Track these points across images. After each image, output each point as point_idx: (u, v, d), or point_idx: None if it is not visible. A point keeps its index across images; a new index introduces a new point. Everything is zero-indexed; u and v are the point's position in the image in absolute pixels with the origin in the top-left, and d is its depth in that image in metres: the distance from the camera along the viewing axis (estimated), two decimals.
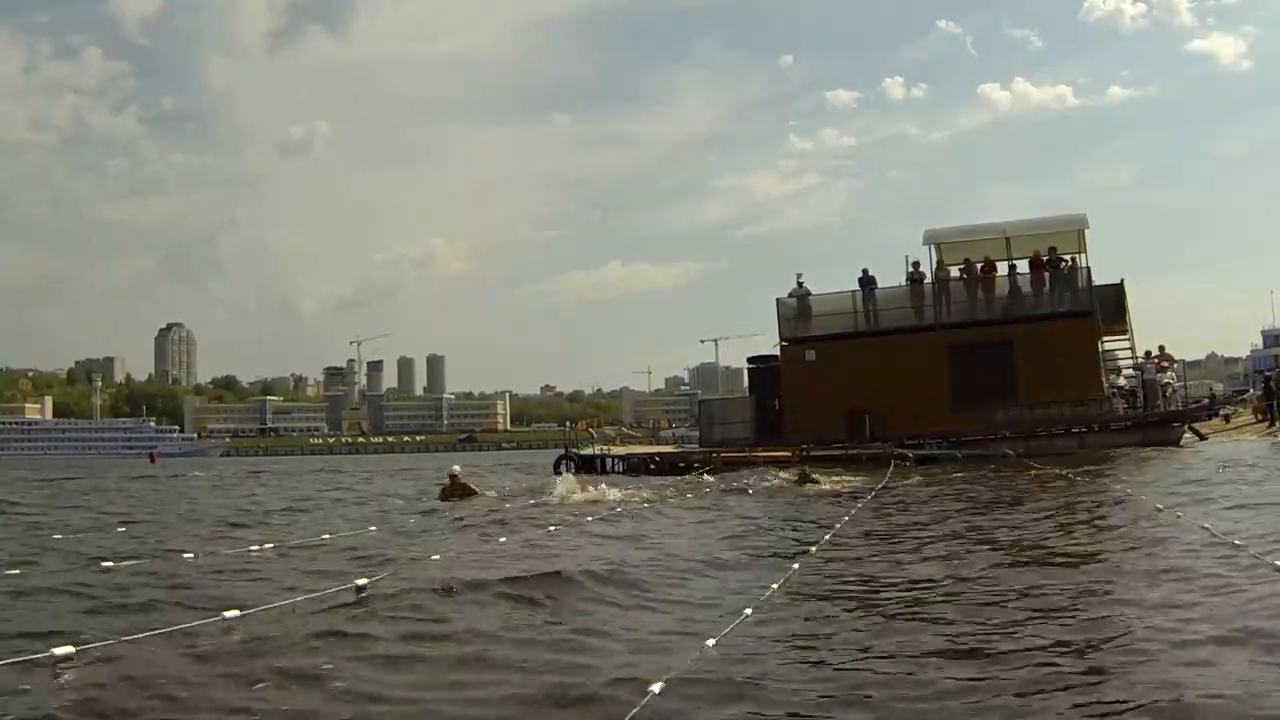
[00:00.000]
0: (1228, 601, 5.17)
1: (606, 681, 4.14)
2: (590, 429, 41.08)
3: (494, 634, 5.16)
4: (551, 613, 5.74)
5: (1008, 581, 6.22)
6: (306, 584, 6.55)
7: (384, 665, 4.58)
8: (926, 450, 21.96)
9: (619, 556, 7.83)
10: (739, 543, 8.94)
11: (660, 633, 5.24)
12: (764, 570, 7.09)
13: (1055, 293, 24.53)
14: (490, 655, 4.74)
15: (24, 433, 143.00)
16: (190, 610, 5.76)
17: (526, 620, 5.54)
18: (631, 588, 6.51)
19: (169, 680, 4.27)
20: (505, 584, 6.36)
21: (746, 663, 4.41)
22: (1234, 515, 8.69)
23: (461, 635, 5.17)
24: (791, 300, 26.36)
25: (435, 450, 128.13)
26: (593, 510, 12.22)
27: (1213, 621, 4.73)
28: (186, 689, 4.19)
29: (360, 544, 9.31)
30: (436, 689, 4.23)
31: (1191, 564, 6.36)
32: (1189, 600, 5.27)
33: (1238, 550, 6.50)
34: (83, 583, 7.03)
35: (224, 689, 4.20)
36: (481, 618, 5.54)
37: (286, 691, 4.17)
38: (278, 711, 3.93)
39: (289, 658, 4.65)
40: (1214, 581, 5.70)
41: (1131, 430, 22.82)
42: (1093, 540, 8.18)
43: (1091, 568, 6.76)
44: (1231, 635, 4.45)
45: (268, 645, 4.86)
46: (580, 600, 6.10)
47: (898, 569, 7.02)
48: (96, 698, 4.04)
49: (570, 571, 6.80)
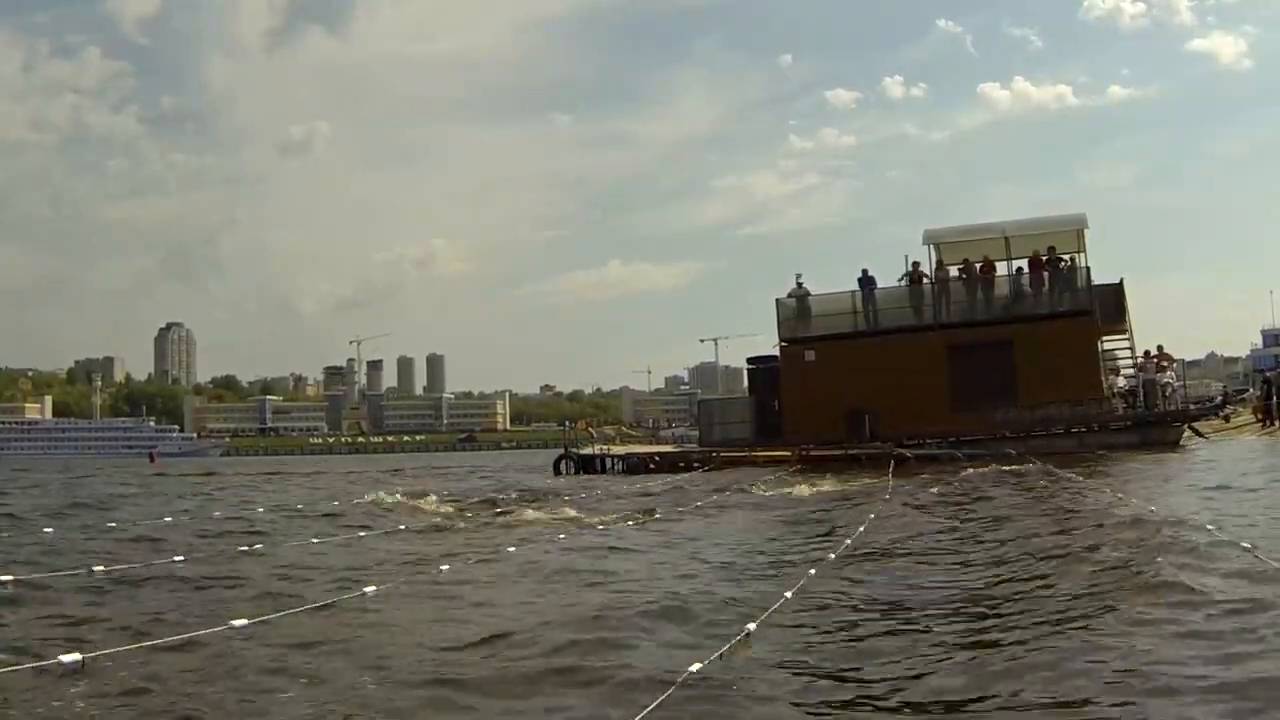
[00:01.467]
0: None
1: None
2: (590, 429, 41.18)
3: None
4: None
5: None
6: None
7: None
8: (927, 450, 21.97)
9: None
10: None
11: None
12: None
13: (1055, 293, 24.52)
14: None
15: (24, 433, 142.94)
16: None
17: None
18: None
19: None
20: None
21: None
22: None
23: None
24: (791, 300, 26.35)
25: (435, 450, 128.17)
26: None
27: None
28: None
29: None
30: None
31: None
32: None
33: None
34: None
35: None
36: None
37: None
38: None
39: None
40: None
41: (1131, 430, 22.82)
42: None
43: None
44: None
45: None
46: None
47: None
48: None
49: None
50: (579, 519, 11.84)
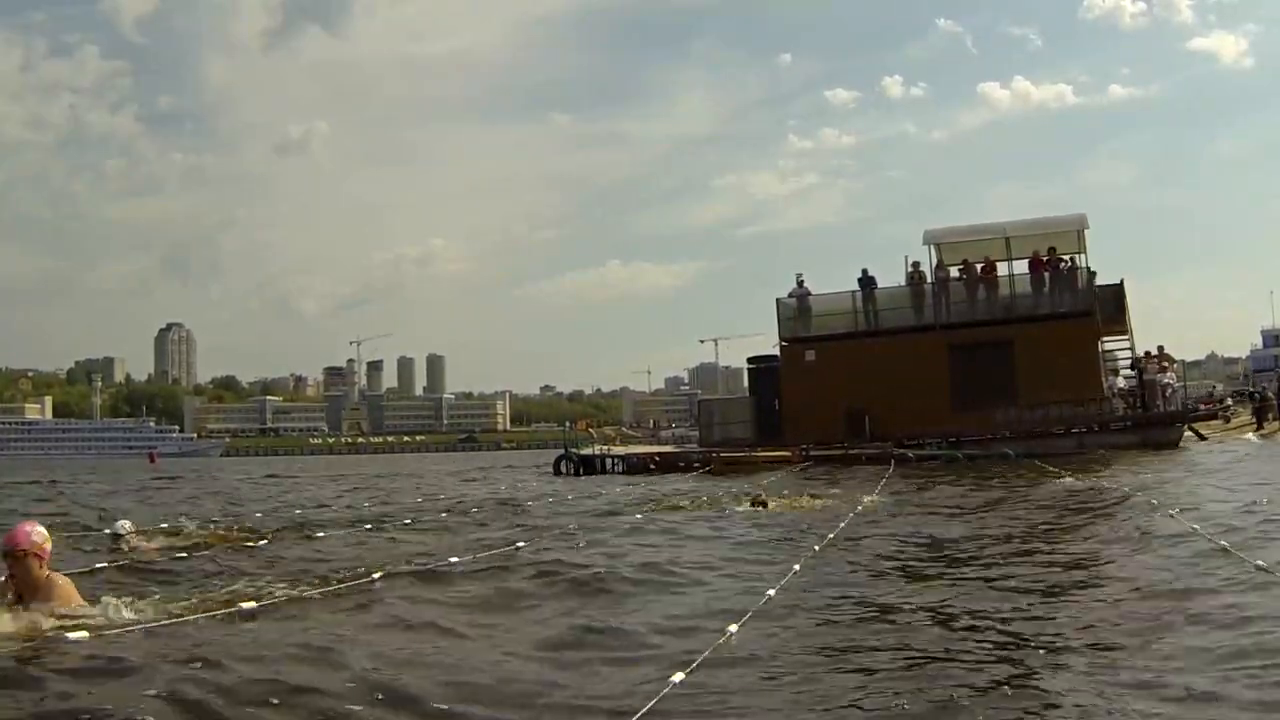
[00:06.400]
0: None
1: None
2: (590, 429, 41.13)
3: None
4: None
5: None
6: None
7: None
8: (927, 450, 22.00)
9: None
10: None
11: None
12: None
13: (1055, 293, 24.57)
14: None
15: (24, 433, 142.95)
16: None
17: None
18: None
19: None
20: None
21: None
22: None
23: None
24: (791, 300, 26.39)
25: (435, 450, 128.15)
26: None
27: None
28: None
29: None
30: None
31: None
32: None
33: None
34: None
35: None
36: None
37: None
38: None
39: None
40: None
41: (1131, 430, 22.84)
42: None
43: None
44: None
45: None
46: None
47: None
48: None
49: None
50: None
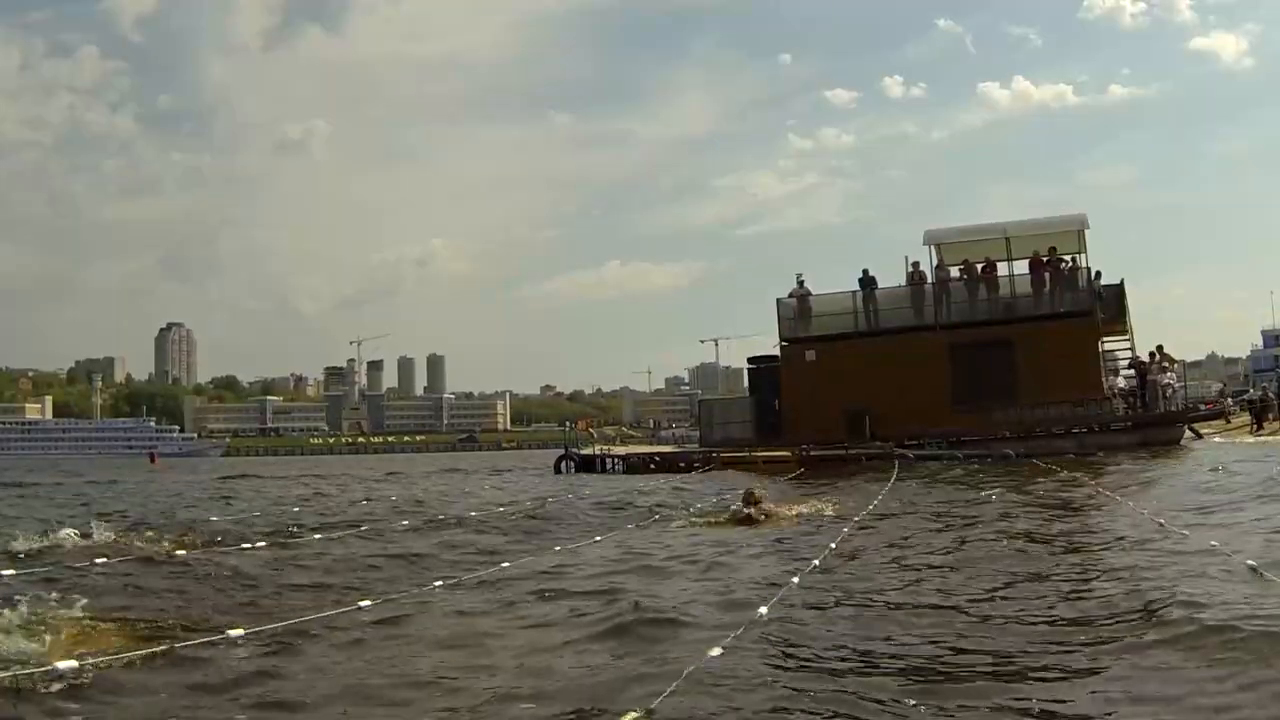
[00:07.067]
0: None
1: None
2: (590, 429, 41.10)
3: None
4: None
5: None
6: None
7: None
8: (927, 450, 22.00)
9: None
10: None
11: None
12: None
13: (1055, 293, 24.57)
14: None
15: (24, 433, 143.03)
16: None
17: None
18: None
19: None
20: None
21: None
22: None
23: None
24: (791, 300, 26.39)
25: (435, 450, 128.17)
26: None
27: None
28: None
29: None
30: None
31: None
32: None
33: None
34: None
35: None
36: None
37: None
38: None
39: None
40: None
41: (1131, 430, 22.85)
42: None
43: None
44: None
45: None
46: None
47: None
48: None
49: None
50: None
